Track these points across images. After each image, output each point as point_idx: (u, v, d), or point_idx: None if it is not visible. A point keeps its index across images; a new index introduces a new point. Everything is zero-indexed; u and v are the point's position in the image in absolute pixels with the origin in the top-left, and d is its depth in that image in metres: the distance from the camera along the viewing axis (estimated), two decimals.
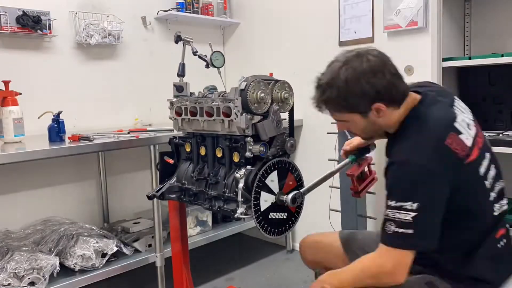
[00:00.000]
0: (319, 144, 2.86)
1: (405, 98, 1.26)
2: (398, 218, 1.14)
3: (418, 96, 1.30)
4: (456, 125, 1.21)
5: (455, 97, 1.34)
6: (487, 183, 1.25)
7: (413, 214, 1.12)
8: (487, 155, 1.28)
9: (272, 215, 1.48)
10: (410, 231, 1.13)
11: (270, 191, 1.47)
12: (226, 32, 3.53)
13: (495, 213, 1.26)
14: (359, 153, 1.59)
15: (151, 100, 3.02)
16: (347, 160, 1.60)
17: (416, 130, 1.22)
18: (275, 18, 3.13)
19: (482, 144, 1.26)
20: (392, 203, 1.16)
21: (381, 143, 1.43)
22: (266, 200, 1.46)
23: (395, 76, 1.24)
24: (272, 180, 1.48)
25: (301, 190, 1.50)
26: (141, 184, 2.83)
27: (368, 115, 1.26)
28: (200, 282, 2.62)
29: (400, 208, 1.14)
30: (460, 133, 1.20)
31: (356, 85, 1.21)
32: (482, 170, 1.23)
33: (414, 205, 1.12)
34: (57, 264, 2.05)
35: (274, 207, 1.48)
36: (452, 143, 1.16)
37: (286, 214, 1.53)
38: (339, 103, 1.25)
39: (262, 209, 1.45)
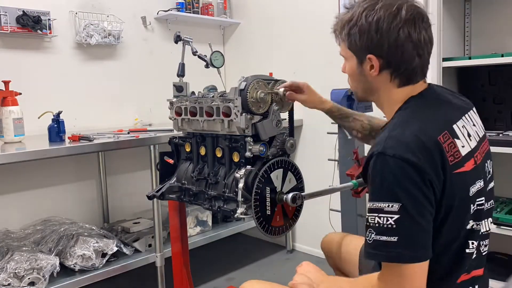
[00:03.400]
0: (319, 144, 2.86)
1: (411, 77, 1.07)
2: (378, 222, 0.92)
3: (425, 85, 1.11)
4: (455, 127, 1.03)
5: (474, 109, 1.16)
6: (472, 208, 1.01)
7: (395, 216, 0.90)
8: (488, 181, 1.08)
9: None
10: (394, 238, 0.90)
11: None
12: (226, 32, 3.53)
13: (467, 250, 1.01)
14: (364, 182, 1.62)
15: (151, 100, 3.02)
16: (350, 183, 1.62)
17: (408, 118, 1.02)
18: (275, 18, 3.14)
19: (480, 161, 1.05)
20: (370, 204, 0.95)
21: None
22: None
23: (415, 44, 1.03)
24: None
25: (303, 194, 1.49)
26: (141, 184, 2.82)
27: (363, 65, 1.10)
28: (200, 282, 2.62)
29: (379, 211, 0.92)
30: (456, 137, 1.00)
31: (365, 20, 1.04)
32: (473, 190, 1.01)
33: (396, 206, 0.90)
34: (57, 264, 2.05)
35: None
36: (445, 143, 0.97)
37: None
38: (344, 32, 1.11)
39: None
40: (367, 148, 2.43)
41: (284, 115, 1.58)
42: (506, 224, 2.04)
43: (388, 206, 0.91)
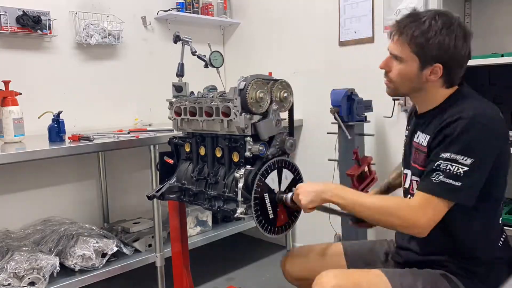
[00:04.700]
0: (319, 144, 2.86)
1: (456, 82, 1.32)
2: (450, 169, 1.16)
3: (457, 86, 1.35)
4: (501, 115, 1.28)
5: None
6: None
7: (465, 168, 1.15)
8: None
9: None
10: (458, 184, 1.15)
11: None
12: (226, 32, 3.53)
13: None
14: None
15: (151, 100, 3.02)
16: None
17: (475, 98, 1.29)
18: (275, 18, 3.14)
19: None
20: (446, 155, 1.18)
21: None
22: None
23: (468, 57, 1.31)
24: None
25: None
26: (141, 184, 2.83)
27: (424, 70, 1.27)
28: (200, 282, 2.62)
29: (454, 161, 1.16)
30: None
31: (446, 36, 1.24)
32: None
33: (469, 161, 1.15)
34: (57, 264, 2.04)
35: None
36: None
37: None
38: (418, 39, 1.25)
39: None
40: (367, 148, 2.43)
41: (284, 115, 1.58)
42: (506, 224, 2.03)
43: (463, 159, 1.15)
